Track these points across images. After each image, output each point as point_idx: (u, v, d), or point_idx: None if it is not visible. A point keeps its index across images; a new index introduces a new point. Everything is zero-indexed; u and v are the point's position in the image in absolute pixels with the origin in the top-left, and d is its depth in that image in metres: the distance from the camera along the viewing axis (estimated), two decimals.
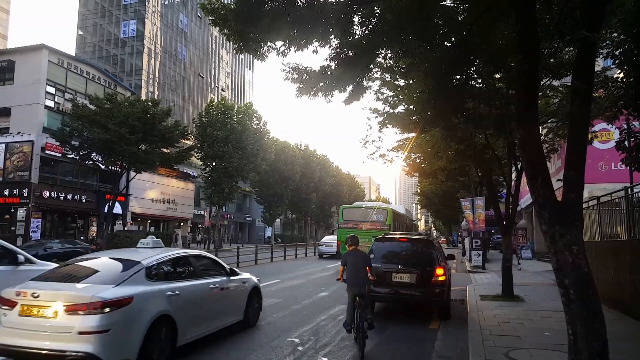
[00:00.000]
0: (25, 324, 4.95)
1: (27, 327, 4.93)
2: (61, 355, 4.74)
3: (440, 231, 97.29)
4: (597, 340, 4.09)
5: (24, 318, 4.97)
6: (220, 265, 7.52)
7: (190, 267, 6.65)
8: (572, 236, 4.29)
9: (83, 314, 4.81)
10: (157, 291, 5.62)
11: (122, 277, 5.40)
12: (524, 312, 8.96)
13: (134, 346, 5.08)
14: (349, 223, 21.30)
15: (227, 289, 7.22)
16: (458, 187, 31.93)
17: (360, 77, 6.95)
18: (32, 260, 7.90)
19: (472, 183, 25.12)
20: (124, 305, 5.03)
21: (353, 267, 6.65)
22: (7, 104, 30.36)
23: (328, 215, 74.96)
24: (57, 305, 4.89)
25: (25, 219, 28.04)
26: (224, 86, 79.92)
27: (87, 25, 65.03)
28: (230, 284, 7.34)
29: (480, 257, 20.19)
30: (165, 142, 29.27)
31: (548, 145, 12.31)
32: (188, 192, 46.34)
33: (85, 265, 6.08)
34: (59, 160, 30.66)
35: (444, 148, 12.64)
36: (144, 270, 5.64)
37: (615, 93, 8.22)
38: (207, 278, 6.85)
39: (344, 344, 6.88)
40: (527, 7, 4.62)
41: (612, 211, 9.98)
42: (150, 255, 6.09)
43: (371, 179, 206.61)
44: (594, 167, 18.40)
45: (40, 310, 4.94)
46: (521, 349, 6.11)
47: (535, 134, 4.81)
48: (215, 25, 6.03)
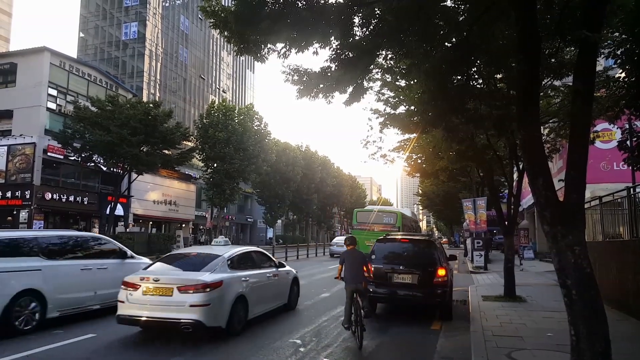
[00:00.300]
0: (148, 301, 6.74)
1: (150, 302, 6.73)
2: (177, 321, 6.57)
3: (442, 232, 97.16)
4: (599, 341, 4.08)
5: (147, 296, 6.77)
6: (271, 259, 9.44)
7: (252, 259, 8.63)
8: (574, 236, 4.28)
9: (192, 292, 6.65)
10: (236, 277, 7.50)
11: (213, 266, 7.25)
12: (526, 312, 8.94)
13: (223, 317, 6.94)
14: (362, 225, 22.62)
15: (277, 277, 9.04)
16: (460, 187, 31.92)
17: (360, 78, 6.95)
18: (134, 255, 9.94)
19: (474, 183, 25.08)
20: (217, 286, 6.87)
21: (351, 266, 7.07)
22: (10, 106, 30.44)
23: (329, 216, 74.99)
24: (173, 287, 6.70)
25: (28, 221, 28.09)
26: (225, 88, 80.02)
27: (89, 27, 65.21)
28: (279, 274, 9.18)
29: (482, 257, 20.16)
30: (167, 143, 29.30)
31: (550, 145, 12.29)
32: (189, 194, 46.39)
33: (183, 257, 8.09)
34: (61, 162, 30.73)
35: (445, 149, 12.60)
36: (226, 262, 7.51)
37: (617, 93, 8.19)
38: (264, 269, 8.76)
39: (346, 345, 6.87)
40: (527, 7, 4.62)
41: (615, 211, 9.94)
42: (226, 250, 8.05)
43: (372, 179, 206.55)
44: (596, 167, 18.37)
45: (160, 291, 6.74)
46: (523, 349, 6.10)
47: (536, 135, 4.80)
48: (216, 27, 6.04)
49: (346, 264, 7.09)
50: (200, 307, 6.59)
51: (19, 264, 7.42)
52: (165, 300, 6.67)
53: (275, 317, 8.90)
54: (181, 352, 6.33)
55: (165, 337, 7.09)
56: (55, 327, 7.62)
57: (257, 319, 8.06)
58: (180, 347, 6.59)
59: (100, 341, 6.93)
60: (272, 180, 49.46)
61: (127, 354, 6.35)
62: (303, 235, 64.82)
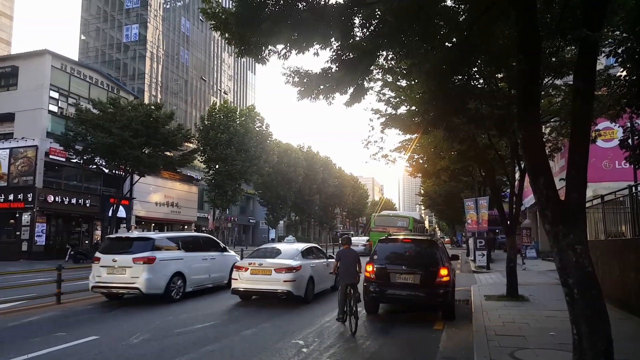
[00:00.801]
0: (255, 278, 10.17)
1: (256, 279, 10.17)
2: (275, 291, 10.06)
3: (444, 231, 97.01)
4: (601, 340, 4.08)
5: (253, 275, 10.19)
6: (322, 251, 12.99)
7: (313, 251, 11.88)
8: (576, 235, 4.28)
9: (284, 272, 9.99)
10: (307, 263, 10.81)
11: (293, 255, 10.71)
12: (529, 311, 8.92)
13: (303, 290, 10.31)
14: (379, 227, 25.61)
15: (327, 266, 11.69)
16: (462, 187, 31.90)
17: (361, 78, 6.95)
18: (227, 249, 13.87)
19: (476, 183, 25.07)
20: (299, 269, 10.23)
21: (346, 263, 8.00)
22: (11, 109, 30.51)
23: (331, 217, 74.96)
24: (271, 269, 10.06)
25: (30, 224, 28.14)
26: (227, 89, 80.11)
27: (90, 30, 65.38)
28: (329, 263, 11.74)
29: (484, 257, 20.14)
30: (169, 145, 29.36)
31: (551, 144, 12.27)
32: (191, 195, 46.44)
33: (271, 250, 11.61)
34: (63, 165, 30.79)
35: (447, 148, 12.59)
36: (300, 252, 10.94)
37: (618, 91, 8.18)
38: (320, 259, 11.92)
39: (348, 345, 6.88)
40: (527, 7, 4.62)
41: (617, 210, 9.93)
42: (297, 245, 12.31)
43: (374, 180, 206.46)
44: (598, 165, 18.33)
45: (263, 271, 10.13)
46: (526, 348, 6.09)
47: (537, 134, 4.80)
48: (216, 29, 6.05)
49: (342, 262, 8.01)
50: (290, 282, 9.93)
51: (173, 254, 11.17)
52: (266, 278, 10.05)
53: (278, 317, 8.95)
54: (184, 353, 6.34)
55: (164, 338, 7.11)
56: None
57: (263, 317, 8.54)
58: (182, 349, 6.61)
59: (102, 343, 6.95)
60: (274, 181, 49.53)
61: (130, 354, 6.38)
62: (305, 236, 64.84)
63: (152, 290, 10.33)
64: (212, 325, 8.24)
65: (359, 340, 7.23)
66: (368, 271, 9.02)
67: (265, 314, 9.26)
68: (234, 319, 8.90)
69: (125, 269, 10.29)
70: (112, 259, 10.47)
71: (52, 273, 10.89)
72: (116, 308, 10.08)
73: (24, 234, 28.18)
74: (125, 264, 10.32)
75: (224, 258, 13.08)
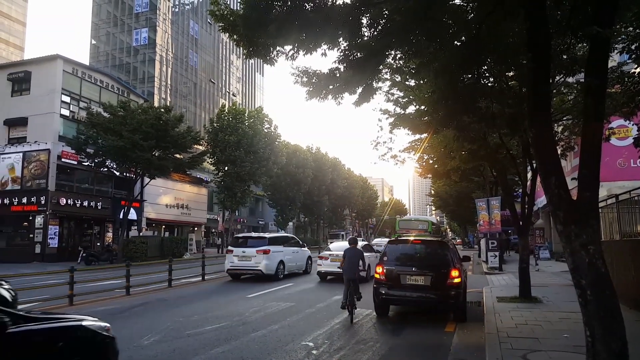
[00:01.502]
0: (332, 265, 15.29)
1: (332, 266, 15.17)
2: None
3: (455, 232, 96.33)
4: (615, 342, 4.00)
5: (332, 262, 15.17)
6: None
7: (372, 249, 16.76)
8: (588, 236, 4.20)
9: None
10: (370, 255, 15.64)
11: None
12: (542, 313, 8.80)
13: None
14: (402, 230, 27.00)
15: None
16: (473, 187, 31.64)
17: (369, 78, 6.91)
18: (304, 245, 19.55)
19: (487, 183, 24.84)
20: None
21: (350, 260, 9.14)
22: (24, 113, 30.96)
23: (341, 218, 74.81)
24: None
25: (43, 226, 28.51)
26: (235, 91, 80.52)
27: (100, 34, 66.19)
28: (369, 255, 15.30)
29: (496, 258, 19.93)
30: (178, 147, 29.55)
31: (564, 143, 12.10)
32: (201, 197, 46.68)
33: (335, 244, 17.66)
34: (75, 168, 31.15)
35: (457, 148, 12.46)
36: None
37: (632, 88, 8.04)
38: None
39: (358, 347, 6.84)
40: (536, 4, 4.55)
41: (632, 209, 9.75)
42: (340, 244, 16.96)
43: (384, 180, 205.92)
44: (612, 164, 18.05)
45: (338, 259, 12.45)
46: (539, 351, 6.00)
47: (547, 133, 4.73)
48: (225, 31, 6.07)
49: (346, 259, 9.17)
50: None
51: (278, 248, 16.44)
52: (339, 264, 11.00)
53: (287, 319, 8.93)
54: (195, 354, 6.35)
55: (175, 339, 7.13)
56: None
57: (272, 320, 8.26)
58: (192, 350, 6.61)
59: None
60: (283, 183, 49.57)
61: (141, 355, 6.40)
62: (315, 237, 64.80)
63: (268, 271, 15.52)
64: (222, 327, 8.26)
65: (369, 342, 7.19)
66: (378, 273, 8.98)
67: (274, 317, 9.25)
68: (243, 320, 8.92)
69: (251, 257, 15.64)
70: (242, 250, 15.89)
71: (65, 275, 11.00)
72: (127, 310, 10.15)
73: (37, 237, 28.56)
74: (251, 254, 15.66)
75: (303, 252, 18.75)
